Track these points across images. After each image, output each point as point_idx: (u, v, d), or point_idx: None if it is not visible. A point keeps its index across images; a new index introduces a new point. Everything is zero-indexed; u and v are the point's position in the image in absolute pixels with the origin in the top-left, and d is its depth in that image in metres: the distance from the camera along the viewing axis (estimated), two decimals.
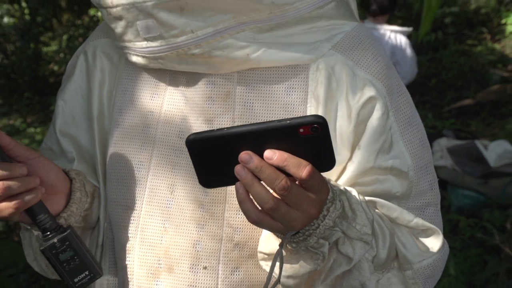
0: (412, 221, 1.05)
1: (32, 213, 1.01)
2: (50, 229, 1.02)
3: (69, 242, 1.02)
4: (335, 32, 1.07)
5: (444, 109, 7.25)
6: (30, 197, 0.97)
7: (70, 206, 1.09)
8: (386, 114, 1.04)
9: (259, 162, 0.83)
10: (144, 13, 0.98)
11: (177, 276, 1.09)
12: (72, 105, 1.22)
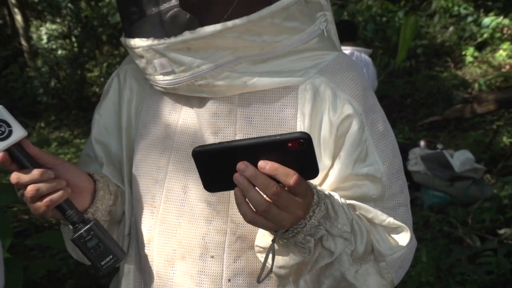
0: (385, 221, 1.04)
1: (61, 210, 1.01)
2: (78, 222, 1.02)
3: (94, 232, 1.02)
4: (319, 60, 1.06)
5: (417, 124, 7.30)
6: (57, 196, 0.97)
7: (95, 202, 1.09)
8: (362, 129, 1.04)
9: (254, 171, 0.83)
10: (159, 53, 1.01)
11: (189, 263, 1.09)
12: (106, 118, 1.23)
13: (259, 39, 0.99)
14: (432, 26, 9.26)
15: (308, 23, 1.03)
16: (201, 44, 0.98)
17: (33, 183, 0.95)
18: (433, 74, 8.62)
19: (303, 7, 1.01)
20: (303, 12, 1.01)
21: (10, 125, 0.95)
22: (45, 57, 10.95)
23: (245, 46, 0.99)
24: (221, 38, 0.97)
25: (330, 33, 1.08)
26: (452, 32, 9.12)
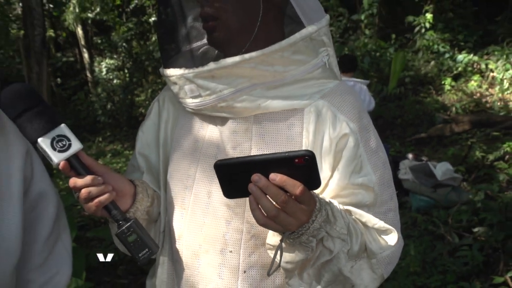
0: (377, 224, 1.02)
1: (108, 209, 1.00)
2: (121, 220, 1.01)
3: (133, 228, 1.01)
4: (322, 87, 1.05)
5: (406, 140, 7.28)
6: (104, 198, 0.98)
7: (135, 204, 1.08)
8: (357, 146, 1.02)
9: (265, 182, 0.82)
10: (189, 80, 1.02)
11: (212, 256, 1.07)
12: (147, 135, 1.23)
13: (272, 69, 0.99)
14: (417, 61, 9.29)
15: (313, 57, 1.02)
16: (223, 72, 0.98)
17: (86, 187, 0.96)
18: (418, 99, 8.64)
19: (308, 43, 1.00)
20: (308, 47, 1.01)
21: (70, 139, 0.95)
22: (104, 86, 11.16)
23: (260, 75, 0.99)
24: (240, 68, 0.97)
25: (331, 65, 1.06)
26: (433, 65, 9.17)
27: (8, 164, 1.11)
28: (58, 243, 1.26)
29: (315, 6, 1.05)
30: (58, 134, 0.94)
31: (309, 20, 1.00)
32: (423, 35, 9.21)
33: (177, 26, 1.12)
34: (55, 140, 0.94)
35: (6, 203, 1.10)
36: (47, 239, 1.23)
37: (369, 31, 9.83)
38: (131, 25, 11.10)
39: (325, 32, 1.03)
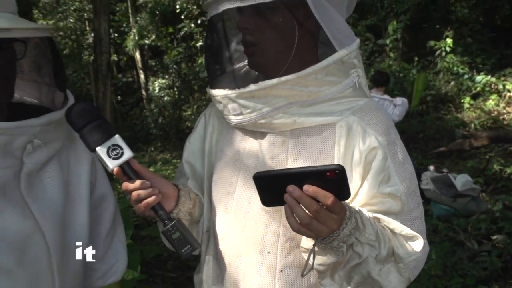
0: (404, 231, 0.99)
1: (155, 210, 1.02)
2: (166, 220, 1.02)
3: (177, 227, 1.01)
4: (353, 104, 1.04)
5: (428, 153, 7.10)
6: (151, 200, 0.99)
7: (178, 206, 1.08)
8: (385, 158, 1.00)
9: (300, 193, 0.82)
10: (232, 100, 1.02)
11: (252, 256, 1.07)
12: (194, 145, 1.23)
13: (306, 89, 0.98)
14: (438, 81, 9.06)
15: (344, 78, 1.01)
16: (262, 93, 0.98)
17: (136, 190, 0.98)
18: (439, 116, 8.42)
19: (340, 66, 0.99)
20: (340, 69, 1.00)
21: (122, 148, 0.97)
22: (156, 102, 11.35)
23: (295, 94, 0.98)
24: (277, 89, 0.97)
25: (361, 84, 1.05)
26: (453, 85, 8.92)
27: (79, 171, 1.15)
28: (115, 238, 1.30)
29: (346, 31, 1.03)
30: (113, 143, 0.97)
31: (341, 44, 0.99)
32: (443, 58, 9.00)
33: (222, 50, 1.13)
34: (110, 149, 0.96)
35: (77, 204, 1.14)
36: (107, 234, 1.26)
37: (394, 54, 9.68)
38: (181, 49, 11.30)
39: (356, 55, 1.02)
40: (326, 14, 0.99)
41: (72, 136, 1.15)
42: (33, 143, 0.99)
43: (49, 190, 1.07)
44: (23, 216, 1.00)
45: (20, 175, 1.00)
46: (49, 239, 1.03)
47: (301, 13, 0.99)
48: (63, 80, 1.11)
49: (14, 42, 0.99)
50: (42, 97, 1.12)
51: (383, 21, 9.67)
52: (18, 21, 0.96)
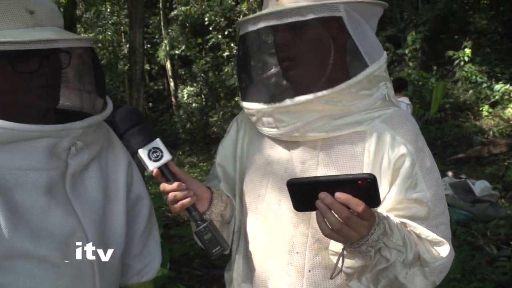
0: (430, 236, 0.97)
1: (189, 211, 1.02)
2: (199, 220, 1.02)
3: (209, 228, 1.02)
4: (382, 113, 1.02)
5: (446, 159, 6.94)
6: (187, 202, 1.00)
7: (211, 207, 1.09)
8: (413, 165, 0.98)
9: (331, 199, 0.81)
10: (266, 114, 1.02)
11: (281, 256, 1.06)
12: (226, 149, 1.23)
13: (340, 104, 0.97)
14: (456, 89, 8.87)
15: (375, 90, 1.00)
16: (297, 108, 0.98)
17: (173, 192, 0.99)
18: (457, 123, 8.24)
19: (371, 79, 0.98)
20: (372, 82, 0.99)
21: (162, 151, 0.98)
22: (185, 109, 11.48)
23: (328, 109, 0.98)
24: (312, 104, 0.97)
25: (389, 95, 1.04)
26: (471, 94, 8.72)
27: (116, 173, 1.17)
28: (150, 237, 1.31)
29: (375, 44, 1.02)
30: (154, 146, 0.98)
31: (371, 59, 0.99)
32: (462, 67, 8.81)
33: (256, 65, 1.12)
34: (151, 152, 0.98)
35: (115, 204, 1.16)
36: (142, 233, 1.28)
37: (413, 63, 9.53)
38: (208, 59, 11.41)
39: (384, 68, 1.02)
40: (360, 29, 0.98)
41: (110, 140, 1.17)
42: (76, 145, 1.01)
43: (90, 190, 1.09)
44: (68, 214, 1.02)
45: (65, 176, 1.03)
46: (90, 236, 1.05)
47: (336, 28, 0.99)
48: (103, 87, 1.13)
49: (60, 53, 1.02)
50: (84, 103, 1.14)
51: (403, 32, 9.54)
52: (63, 33, 0.99)
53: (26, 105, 0.99)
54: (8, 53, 0.91)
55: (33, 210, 0.97)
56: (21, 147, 0.94)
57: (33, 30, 0.93)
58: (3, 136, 0.92)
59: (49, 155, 0.98)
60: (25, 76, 0.96)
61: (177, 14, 11.24)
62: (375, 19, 1.05)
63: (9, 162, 0.94)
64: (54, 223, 0.99)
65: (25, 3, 0.94)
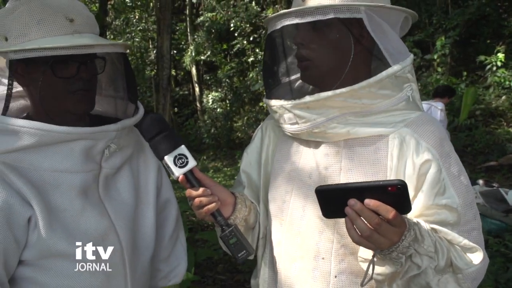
0: (462, 242, 0.95)
1: (214, 216, 1.03)
2: (224, 225, 1.03)
3: (234, 233, 1.02)
4: (406, 117, 1.01)
5: (476, 167, 6.73)
6: (212, 207, 1.01)
7: (235, 212, 1.10)
8: (439, 171, 0.97)
9: (361, 206, 0.81)
10: (287, 110, 1.02)
11: (306, 262, 1.06)
12: (251, 156, 1.24)
13: (360, 102, 0.97)
14: (488, 95, 8.61)
15: (397, 91, 0.99)
16: (317, 104, 0.98)
17: (198, 197, 1.00)
18: (489, 130, 7.96)
19: (393, 80, 0.98)
20: (394, 83, 0.98)
21: (187, 158, 1.00)
22: (209, 114, 11.56)
23: (349, 106, 0.97)
24: (331, 101, 0.97)
25: (414, 98, 1.02)
26: (504, 100, 8.43)
27: (147, 177, 1.20)
28: (177, 241, 1.33)
29: (400, 47, 1.02)
30: (179, 153, 1.00)
31: (395, 60, 0.98)
32: (494, 72, 8.55)
33: (279, 63, 1.14)
34: (176, 158, 0.99)
35: (145, 207, 1.19)
36: (170, 237, 1.30)
37: (441, 69, 9.32)
38: (233, 65, 11.48)
39: (409, 70, 1.00)
40: (381, 31, 0.98)
41: (141, 145, 1.20)
42: (109, 148, 1.05)
43: (122, 193, 1.12)
44: (101, 215, 1.05)
45: (98, 178, 1.07)
46: (122, 236, 1.08)
47: (357, 30, 0.99)
48: (135, 92, 1.17)
49: (95, 59, 1.07)
50: (116, 108, 1.18)
51: (431, 37, 9.36)
52: (100, 39, 1.04)
53: (65, 109, 1.03)
54: (49, 59, 0.96)
55: (69, 212, 1.01)
56: (59, 149, 0.99)
57: (73, 37, 0.98)
58: (44, 138, 0.96)
59: (85, 157, 1.02)
60: (64, 80, 1.00)
61: (203, 21, 11.39)
62: (398, 24, 1.05)
63: (48, 164, 0.99)
64: (88, 224, 1.03)
65: (65, 12, 0.99)
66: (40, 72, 0.98)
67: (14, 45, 0.97)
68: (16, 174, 0.96)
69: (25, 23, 0.97)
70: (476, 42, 9.39)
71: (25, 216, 0.96)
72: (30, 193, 0.95)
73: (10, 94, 0.98)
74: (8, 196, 0.94)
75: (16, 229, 0.95)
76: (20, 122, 0.96)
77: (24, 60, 0.96)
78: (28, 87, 1.04)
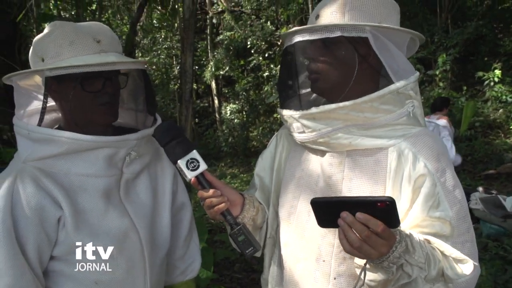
0: (453, 254, 0.93)
1: (224, 215, 1.03)
2: (233, 224, 1.03)
3: (242, 231, 1.02)
4: (406, 131, 0.99)
5: (476, 175, 6.62)
6: (221, 207, 1.02)
7: (243, 212, 1.10)
8: (434, 185, 0.94)
9: (352, 219, 0.81)
10: (295, 120, 1.03)
11: (309, 263, 1.05)
12: (265, 161, 1.24)
13: (362, 115, 0.96)
14: (486, 108, 8.46)
15: (399, 107, 0.98)
16: (322, 115, 0.98)
17: (209, 198, 1.01)
18: (487, 141, 7.82)
19: (395, 96, 0.96)
20: (395, 99, 0.97)
21: (199, 161, 1.00)
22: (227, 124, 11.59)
23: (352, 118, 0.97)
24: (335, 113, 0.97)
25: (416, 114, 1.01)
26: (501, 113, 8.27)
27: (163, 181, 1.22)
28: (191, 242, 1.35)
29: (405, 65, 1.00)
30: (191, 157, 1.00)
31: (399, 77, 0.97)
32: (492, 87, 8.41)
33: (291, 76, 1.14)
34: (188, 162, 1.00)
35: (162, 209, 1.21)
36: (185, 237, 1.32)
37: (443, 84, 9.20)
38: (250, 79, 11.51)
39: (412, 87, 0.99)
40: (386, 50, 0.97)
41: (158, 153, 1.23)
42: (130, 155, 1.08)
43: (141, 196, 1.15)
44: (122, 215, 1.08)
45: (120, 182, 1.09)
46: (142, 235, 1.10)
47: (363, 48, 0.98)
48: (154, 104, 1.19)
49: (119, 75, 1.10)
50: (137, 119, 1.21)
51: (433, 54, 9.26)
52: (122, 57, 1.07)
53: (92, 120, 1.06)
54: (78, 75, 0.99)
55: (93, 212, 1.03)
56: (86, 156, 1.02)
57: (99, 56, 1.02)
58: (73, 146, 0.99)
59: (108, 163, 1.05)
60: (91, 94, 1.03)
61: (223, 39, 11.48)
62: (405, 44, 1.03)
63: (76, 169, 1.02)
64: (111, 224, 1.05)
65: (93, 34, 1.03)
66: (70, 87, 1.02)
67: (50, 64, 1.00)
68: (49, 178, 0.99)
69: (59, 45, 1.00)
70: (475, 59, 9.27)
71: (56, 216, 0.99)
72: (60, 195, 0.99)
73: (44, 108, 1.02)
74: (42, 198, 0.97)
75: (48, 228, 0.99)
76: (53, 132, 1.00)
77: (57, 77, 1.00)
78: (60, 101, 1.07)
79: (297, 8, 9.81)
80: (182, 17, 3.68)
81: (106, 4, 6.33)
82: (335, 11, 0.99)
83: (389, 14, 1.00)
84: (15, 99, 1.08)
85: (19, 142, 1.03)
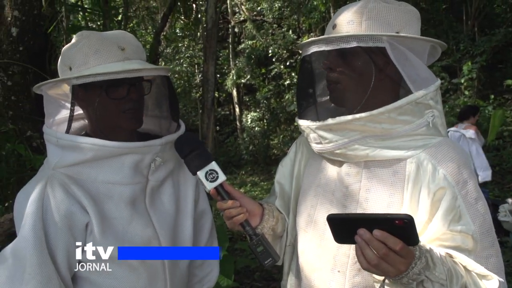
0: (477, 269, 0.89)
1: (243, 226, 1.04)
2: (252, 234, 1.03)
3: (261, 241, 1.02)
4: (426, 142, 0.97)
5: (505, 186, 6.37)
6: (240, 217, 1.02)
7: (262, 222, 1.10)
8: (455, 198, 0.91)
9: (370, 236, 0.79)
10: (312, 131, 1.02)
11: (324, 273, 1.04)
12: (285, 169, 1.24)
13: (379, 126, 0.94)
14: None
15: (418, 117, 0.95)
16: (338, 127, 0.97)
17: (228, 209, 1.02)
18: None
19: (414, 106, 0.94)
20: (414, 110, 0.94)
21: (217, 173, 1.01)
22: (248, 132, 11.62)
23: (369, 130, 0.95)
24: (351, 124, 0.95)
25: (436, 124, 0.97)
26: None
27: (186, 189, 1.24)
28: None
29: (426, 74, 0.97)
30: (210, 169, 1.01)
31: (418, 87, 0.94)
32: None
33: (309, 86, 1.14)
34: (207, 173, 1.01)
35: (184, 217, 1.21)
36: (205, 244, 1.32)
37: (469, 92, 8.97)
38: (271, 87, 11.54)
39: (432, 96, 0.96)
40: (405, 59, 0.95)
41: (180, 162, 1.23)
42: (155, 162, 1.09)
43: (165, 203, 1.16)
44: (146, 225, 1.09)
45: (145, 190, 1.11)
46: (163, 244, 1.11)
47: (381, 58, 0.96)
48: (177, 110, 1.21)
49: (143, 82, 1.12)
50: (161, 125, 1.22)
51: (458, 62, 9.05)
52: (146, 64, 1.09)
53: (117, 126, 1.08)
54: (104, 83, 1.01)
55: (119, 220, 1.05)
56: (112, 163, 1.03)
57: (123, 63, 1.04)
58: (99, 153, 1.01)
59: (134, 171, 1.06)
60: (116, 101, 1.05)
61: (244, 48, 11.58)
62: (425, 52, 1.00)
63: (102, 176, 1.04)
64: (135, 233, 1.06)
65: (118, 42, 1.06)
66: (96, 95, 1.04)
67: (76, 73, 1.03)
68: (77, 185, 1.01)
69: (86, 54, 1.03)
70: (503, 67, 9.00)
71: (83, 222, 1.01)
72: (87, 202, 1.00)
73: (72, 115, 1.04)
74: (70, 205, 1.00)
75: (76, 233, 1.01)
76: (79, 139, 1.02)
77: (84, 85, 1.02)
78: (87, 109, 1.10)
79: (319, 17, 9.80)
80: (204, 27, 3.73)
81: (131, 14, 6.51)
82: (352, 20, 0.97)
83: (408, 22, 0.97)
84: (45, 108, 1.11)
85: (49, 149, 1.06)
